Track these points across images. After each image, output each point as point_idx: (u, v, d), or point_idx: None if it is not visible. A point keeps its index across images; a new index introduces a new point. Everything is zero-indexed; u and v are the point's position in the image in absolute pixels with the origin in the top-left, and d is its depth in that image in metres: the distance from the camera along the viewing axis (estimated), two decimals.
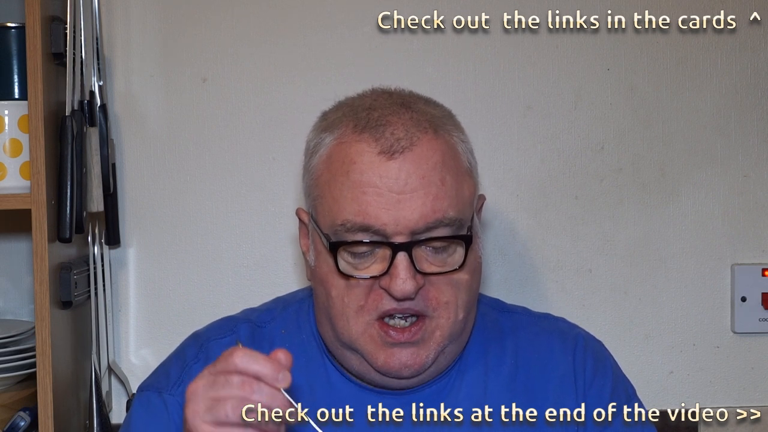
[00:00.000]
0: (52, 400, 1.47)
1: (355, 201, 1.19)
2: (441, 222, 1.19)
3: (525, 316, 1.39)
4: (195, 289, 1.74)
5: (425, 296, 1.21)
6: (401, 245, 1.18)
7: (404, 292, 1.18)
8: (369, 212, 1.19)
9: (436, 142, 1.22)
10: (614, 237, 1.78)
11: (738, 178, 1.79)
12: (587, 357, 1.33)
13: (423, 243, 1.19)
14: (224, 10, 1.73)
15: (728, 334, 1.80)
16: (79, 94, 1.59)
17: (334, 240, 1.21)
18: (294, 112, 1.72)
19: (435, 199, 1.19)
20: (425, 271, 1.20)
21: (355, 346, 1.23)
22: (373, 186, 1.19)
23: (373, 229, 1.18)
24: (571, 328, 1.39)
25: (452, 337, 1.24)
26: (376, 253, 1.20)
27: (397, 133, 1.21)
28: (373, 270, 1.20)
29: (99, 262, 1.67)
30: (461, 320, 1.24)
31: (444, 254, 1.21)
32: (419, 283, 1.19)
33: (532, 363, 1.32)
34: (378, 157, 1.20)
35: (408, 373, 1.22)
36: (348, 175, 1.20)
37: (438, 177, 1.20)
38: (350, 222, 1.19)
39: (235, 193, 1.74)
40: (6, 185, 1.54)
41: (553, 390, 1.30)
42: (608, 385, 1.32)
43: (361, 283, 1.20)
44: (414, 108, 1.25)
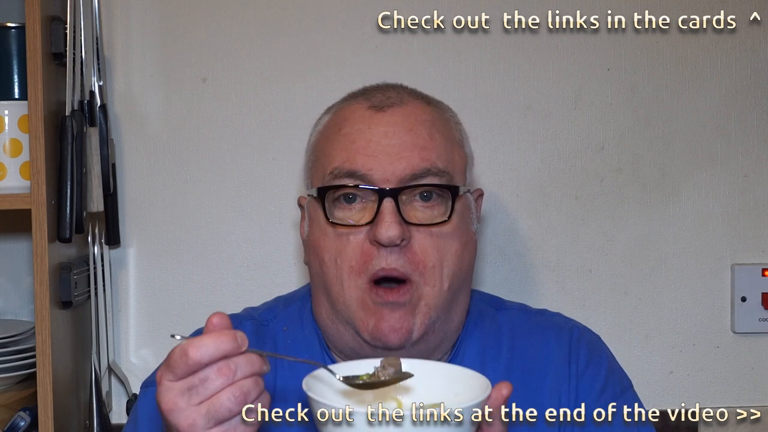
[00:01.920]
0: (52, 400, 1.47)
1: (344, 150, 1.23)
2: (429, 171, 1.22)
3: (521, 312, 1.40)
4: (195, 289, 1.74)
5: (410, 257, 1.21)
6: (387, 191, 1.20)
7: (389, 237, 1.18)
8: (356, 159, 1.22)
9: (427, 108, 1.28)
10: (614, 237, 1.78)
11: (738, 178, 1.79)
12: (581, 346, 1.34)
13: (410, 191, 1.21)
14: (224, 10, 1.73)
15: (728, 334, 1.81)
16: (79, 94, 1.59)
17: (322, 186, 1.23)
18: (294, 112, 1.72)
19: (423, 149, 1.22)
20: (411, 221, 1.21)
21: (348, 312, 1.24)
22: (361, 135, 1.23)
23: (359, 174, 1.21)
24: (567, 321, 1.40)
25: (438, 308, 1.24)
26: (366, 205, 1.22)
27: (388, 94, 1.28)
28: (362, 220, 1.22)
29: (99, 262, 1.67)
30: (446, 291, 1.24)
31: (434, 210, 1.23)
32: (405, 233, 1.20)
33: (529, 358, 1.33)
34: (368, 111, 1.25)
35: (396, 338, 1.22)
36: (340, 131, 1.25)
37: (426, 132, 1.24)
38: (338, 168, 1.22)
39: (235, 193, 1.74)
40: (6, 185, 1.54)
41: (548, 383, 1.31)
42: (602, 375, 1.32)
43: (351, 238, 1.21)
44: (412, 89, 1.31)
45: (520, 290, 1.77)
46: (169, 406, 0.97)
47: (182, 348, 0.97)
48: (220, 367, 0.96)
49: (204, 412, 0.96)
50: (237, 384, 0.97)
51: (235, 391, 0.96)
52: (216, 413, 0.97)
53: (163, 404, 0.98)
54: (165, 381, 0.98)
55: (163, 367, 0.99)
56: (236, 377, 0.97)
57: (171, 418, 0.98)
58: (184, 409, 0.97)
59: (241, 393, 0.97)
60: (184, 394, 0.97)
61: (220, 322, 0.99)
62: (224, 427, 0.97)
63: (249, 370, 0.98)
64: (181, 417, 0.97)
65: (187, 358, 0.96)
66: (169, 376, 0.98)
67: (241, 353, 0.97)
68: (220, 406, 0.96)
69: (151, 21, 1.72)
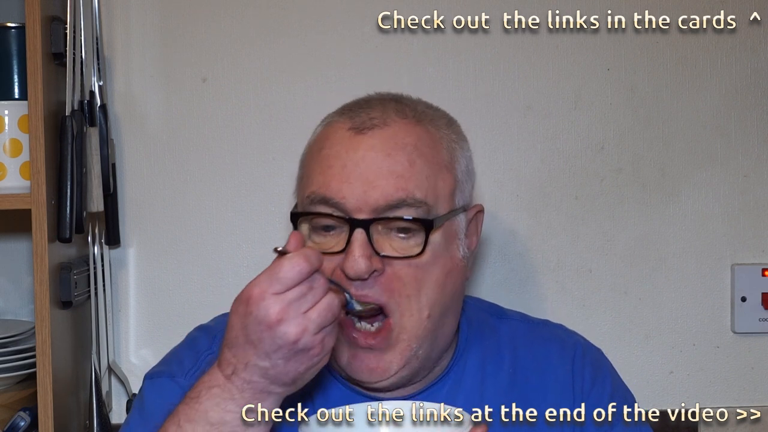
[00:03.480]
0: (52, 400, 1.47)
1: (321, 174, 1.20)
2: (404, 201, 1.17)
3: (523, 323, 1.38)
4: (195, 289, 1.74)
5: (385, 285, 1.18)
6: (359, 221, 1.16)
7: (355, 271, 1.15)
8: (331, 185, 1.18)
9: (413, 128, 1.22)
10: (614, 237, 1.78)
11: (738, 178, 1.79)
12: (585, 365, 1.32)
13: (384, 222, 1.17)
14: (224, 10, 1.73)
15: (728, 334, 1.80)
16: (79, 94, 1.59)
17: (296, 212, 1.21)
18: (294, 112, 1.72)
19: (399, 177, 1.18)
20: (384, 252, 1.17)
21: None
22: (338, 159, 1.19)
23: (333, 202, 1.18)
24: (570, 335, 1.38)
25: (420, 340, 1.20)
26: (340, 233, 1.19)
27: (372, 114, 1.22)
28: (336, 247, 1.18)
29: (99, 262, 1.67)
30: (427, 320, 1.20)
31: (410, 242, 1.19)
32: (375, 265, 1.16)
33: (530, 371, 1.31)
34: (348, 132, 1.21)
35: (372, 378, 1.20)
36: (321, 151, 1.22)
37: (406, 158, 1.19)
38: (314, 194, 1.19)
39: (235, 193, 1.74)
40: (6, 185, 1.54)
41: (551, 398, 1.29)
42: (606, 394, 1.31)
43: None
44: (404, 102, 1.25)
45: (520, 290, 1.77)
46: (280, 316, 1.00)
47: (293, 259, 1.01)
48: (319, 279, 1.02)
49: (315, 316, 1.01)
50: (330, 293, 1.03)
51: (333, 298, 1.03)
52: (323, 318, 1.02)
53: (273, 316, 1.00)
54: (270, 294, 1.01)
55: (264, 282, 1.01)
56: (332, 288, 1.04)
57: (279, 329, 1.01)
58: (294, 318, 1.01)
59: (337, 299, 1.03)
60: (294, 303, 1.01)
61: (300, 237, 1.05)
62: (324, 332, 1.03)
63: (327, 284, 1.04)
64: (291, 325, 1.00)
65: (301, 267, 1.00)
66: (277, 287, 1.01)
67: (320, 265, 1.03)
68: (327, 311, 1.02)
69: (151, 21, 1.72)
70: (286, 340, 1.01)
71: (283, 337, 1.00)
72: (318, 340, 1.02)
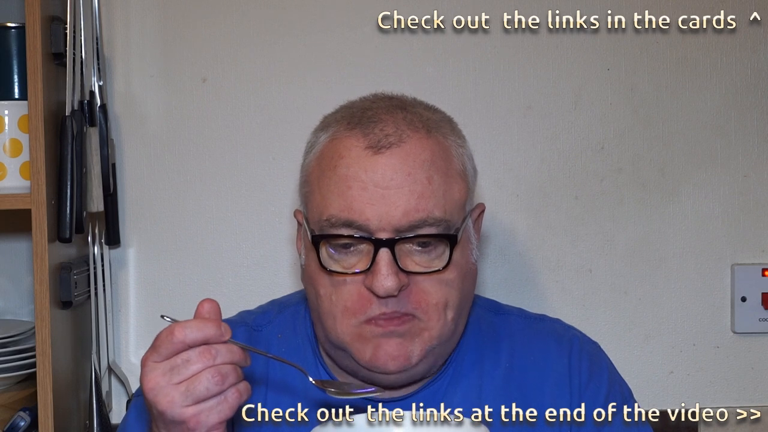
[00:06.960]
0: (52, 400, 1.47)
1: (340, 196, 1.19)
2: (425, 221, 1.18)
3: (520, 319, 1.38)
4: (195, 289, 1.74)
5: (412, 298, 1.19)
6: (384, 241, 1.17)
7: (385, 289, 1.16)
8: (353, 207, 1.18)
9: (426, 141, 1.22)
10: (614, 237, 1.78)
11: (738, 178, 1.79)
12: (582, 359, 1.32)
13: (407, 240, 1.19)
14: (224, 10, 1.73)
15: (728, 334, 1.81)
16: (79, 94, 1.59)
17: (318, 233, 1.21)
18: (294, 112, 1.72)
19: (420, 197, 1.18)
20: (408, 270, 1.19)
21: (342, 345, 1.22)
22: (358, 180, 1.19)
23: (357, 224, 1.18)
24: (567, 329, 1.38)
25: (441, 338, 1.23)
26: (361, 250, 1.20)
27: (386, 130, 1.21)
28: (357, 267, 1.19)
29: (99, 262, 1.67)
30: (451, 321, 1.23)
31: (431, 255, 1.20)
32: (402, 281, 1.18)
33: (528, 366, 1.31)
34: (365, 151, 1.20)
35: (394, 366, 1.21)
36: (335, 169, 1.21)
37: (425, 175, 1.19)
38: (335, 217, 1.19)
39: (235, 193, 1.74)
40: (6, 185, 1.54)
41: (548, 393, 1.29)
42: (604, 388, 1.31)
43: (348, 281, 1.19)
44: (410, 110, 1.25)
45: (520, 290, 1.77)
46: (151, 385, 1.03)
47: (169, 329, 1.03)
48: (202, 350, 1.03)
49: (183, 390, 1.02)
50: (216, 367, 1.03)
51: (214, 373, 1.02)
52: (194, 392, 1.02)
53: (146, 383, 1.04)
54: (150, 362, 1.04)
55: (150, 349, 1.05)
56: (216, 361, 1.03)
57: (152, 397, 1.03)
58: (164, 387, 1.03)
59: (219, 375, 1.03)
60: (166, 374, 1.03)
61: (210, 308, 1.06)
62: (200, 407, 1.03)
63: (229, 358, 1.04)
64: (161, 395, 1.03)
65: (172, 337, 1.03)
66: (155, 356, 1.04)
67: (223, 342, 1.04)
68: (199, 385, 1.02)
69: (151, 21, 1.72)
70: (157, 409, 1.04)
71: (155, 407, 1.04)
72: (191, 413, 1.03)
